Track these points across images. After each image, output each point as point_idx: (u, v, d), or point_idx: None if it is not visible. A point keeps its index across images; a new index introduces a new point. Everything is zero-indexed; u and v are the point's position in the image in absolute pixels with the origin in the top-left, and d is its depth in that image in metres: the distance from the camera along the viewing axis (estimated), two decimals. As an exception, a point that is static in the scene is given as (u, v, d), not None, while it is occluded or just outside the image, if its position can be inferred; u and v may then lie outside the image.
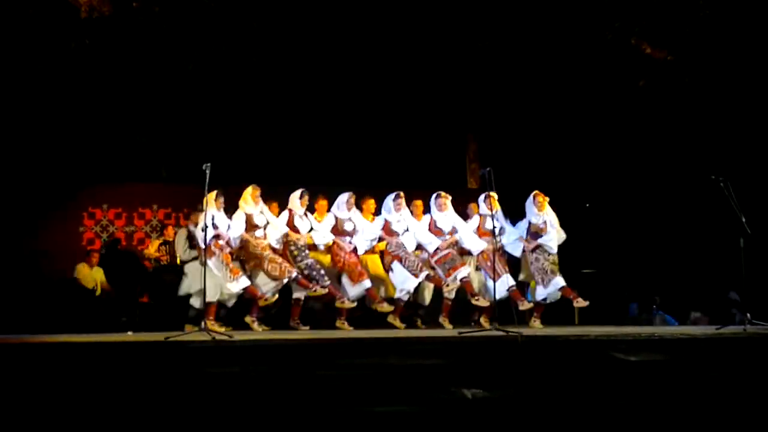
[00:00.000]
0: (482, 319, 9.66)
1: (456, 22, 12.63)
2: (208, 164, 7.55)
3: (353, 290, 9.32)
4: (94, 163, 12.90)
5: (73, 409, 5.75)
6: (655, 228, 12.98)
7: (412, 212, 9.80)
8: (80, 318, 9.79)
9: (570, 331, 8.27)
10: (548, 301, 9.63)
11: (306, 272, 9.19)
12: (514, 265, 9.90)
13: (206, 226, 8.07)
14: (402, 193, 9.68)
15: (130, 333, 8.92)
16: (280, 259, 9.09)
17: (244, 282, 8.94)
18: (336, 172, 13.30)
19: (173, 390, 5.97)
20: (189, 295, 9.29)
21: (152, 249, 10.89)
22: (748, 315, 8.09)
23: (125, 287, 10.31)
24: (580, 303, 9.46)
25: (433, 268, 9.56)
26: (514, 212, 9.96)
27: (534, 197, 9.59)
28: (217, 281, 8.87)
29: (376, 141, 14.18)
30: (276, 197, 9.62)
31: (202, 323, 7.65)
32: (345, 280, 9.40)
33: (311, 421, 5.90)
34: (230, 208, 9.23)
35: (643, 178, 13.33)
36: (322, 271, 9.22)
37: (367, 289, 9.30)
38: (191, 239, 9.52)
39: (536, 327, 9.42)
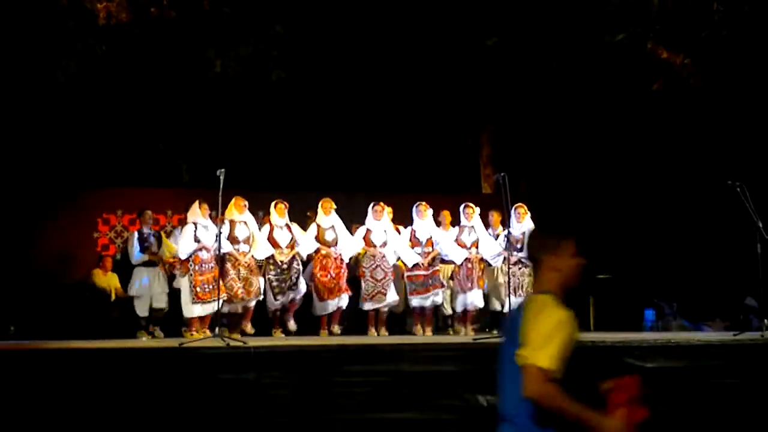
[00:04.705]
0: (457, 327, 9.76)
1: (469, 25, 12.60)
2: (222, 170, 7.56)
3: (319, 306, 9.34)
4: (109, 168, 12.95)
5: (88, 414, 5.76)
6: (671, 233, 12.90)
7: (439, 223, 9.79)
8: (96, 323, 9.82)
9: (585, 336, 8.20)
10: None
11: (274, 284, 9.11)
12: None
13: (220, 233, 8.07)
14: (382, 203, 9.65)
15: (144, 339, 8.94)
16: (241, 283, 8.90)
17: (206, 309, 8.83)
18: (350, 177, 13.31)
19: (187, 396, 5.97)
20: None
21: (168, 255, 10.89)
22: (766, 321, 8.01)
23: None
24: None
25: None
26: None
27: (515, 209, 9.56)
28: (186, 299, 8.87)
29: (390, 145, 14.17)
30: (293, 202, 9.61)
31: (216, 329, 7.64)
32: (314, 295, 9.39)
33: (324, 427, 5.89)
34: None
35: (660, 183, 13.25)
36: (293, 280, 9.16)
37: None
38: (142, 242, 9.49)
39: None
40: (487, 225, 9.90)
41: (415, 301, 9.56)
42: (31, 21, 10.74)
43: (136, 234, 9.52)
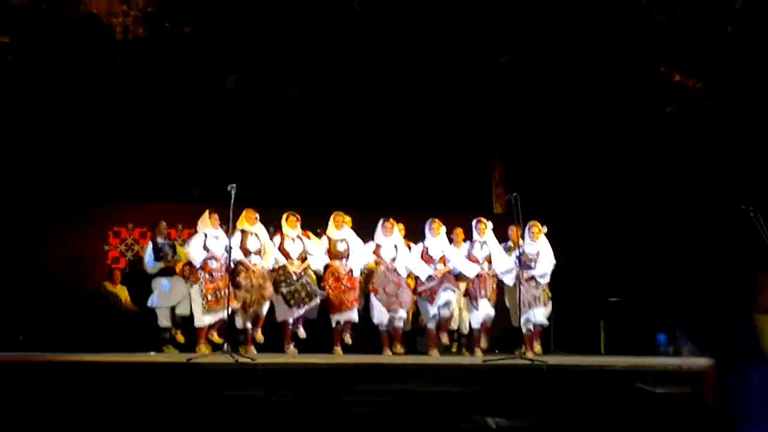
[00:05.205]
0: (476, 350, 9.67)
1: (482, 46, 12.63)
2: (234, 185, 7.57)
3: (334, 318, 9.28)
4: (121, 181, 12.98)
5: (93, 428, 5.74)
6: (683, 257, 12.83)
7: (452, 240, 9.74)
8: (105, 336, 9.82)
9: (595, 360, 8.16)
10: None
11: (288, 297, 9.03)
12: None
13: (230, 247, 8.07)
14: (392, 219, 9.62)
15: (152, 353, 8.92)
16: (256, 295, 8.86)
17: (212, 318, 8.81)
18: (362, 195, 13.30)
19: (194, 412, 5.95)
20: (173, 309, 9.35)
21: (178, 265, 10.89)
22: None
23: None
24: (536, 348, 9.31)
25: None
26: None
27: (530, 227, 9.52)
28: (197, 308, 8.85)
29: (402, 164, 14.18)
30: (305, 219, 9.60)
31: (225, 345, 7.61)
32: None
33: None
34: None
35: (672, 206, 13.20)
36: (309, 290, 9.07)
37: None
38: (157, 251, 9.46)
39: (537, 351, 9.32)
40: (505, 240, 9.83)
41: (432, 311, 9.45)
42: (48, 36, 10.82)
43: (150, 244, 9.50)
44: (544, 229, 9.62)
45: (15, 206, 11.08)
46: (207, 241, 8.88)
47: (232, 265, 8.53)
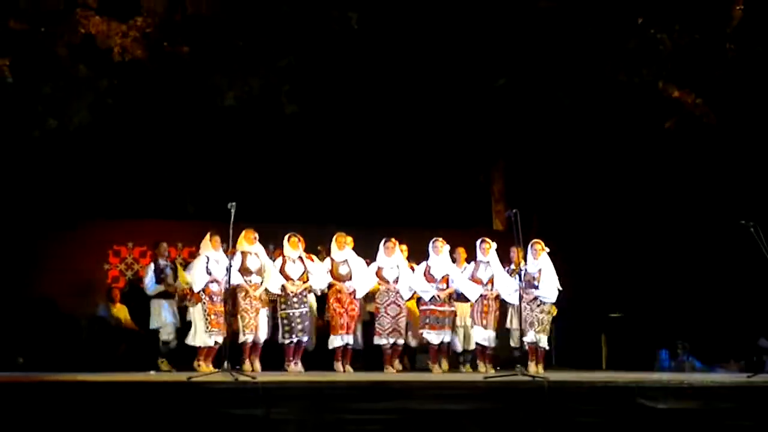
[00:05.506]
0: (480, 365, 9.70)
1: (482, 62, 12.65)
2: (233, 203, 7.57)
3: (333, 340, 9.30)
4: (120, 200, 13.00)
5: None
6: (684, 273, 12.83)
7: (454, 259, 9.72)
8: (105, 355, 9.81)
9: (597, 377, 8.13)
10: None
11: (284, 322, 9.10)
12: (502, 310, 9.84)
13: (230, 266, 8.08)
14: (393, 239, 9.63)
15: (152, 372, 8.90)
16: (253, 314, 8.99)
17: (218, 339, 8.89)
18: (362, 212, 13.30)
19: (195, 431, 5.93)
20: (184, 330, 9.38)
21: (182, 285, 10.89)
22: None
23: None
24: (539, 369, 9.19)
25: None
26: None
27: (532, 245, 9.48)
28: (199, 328, 8.93)
29: (402, 180, 14.19)
30: (306, 237, 9.60)
31: (225, 363, 7.59)
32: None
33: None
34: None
35: (673, 222, 13.21)
36: (305, 324, 9.16)
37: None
38: (158, 273, 9.53)
39: (538, 371, 9.26)
40: (507, 261, 9.80)
41: (429, 336, 9.46)
42: (47, 59, 10.85)
43: (152, 266, 9.60)
44: (547, 249, 9.60)
45: (14, 225, 11.08)
46: (209, 264, 8.98)
47: (231, 285, 8.56)
